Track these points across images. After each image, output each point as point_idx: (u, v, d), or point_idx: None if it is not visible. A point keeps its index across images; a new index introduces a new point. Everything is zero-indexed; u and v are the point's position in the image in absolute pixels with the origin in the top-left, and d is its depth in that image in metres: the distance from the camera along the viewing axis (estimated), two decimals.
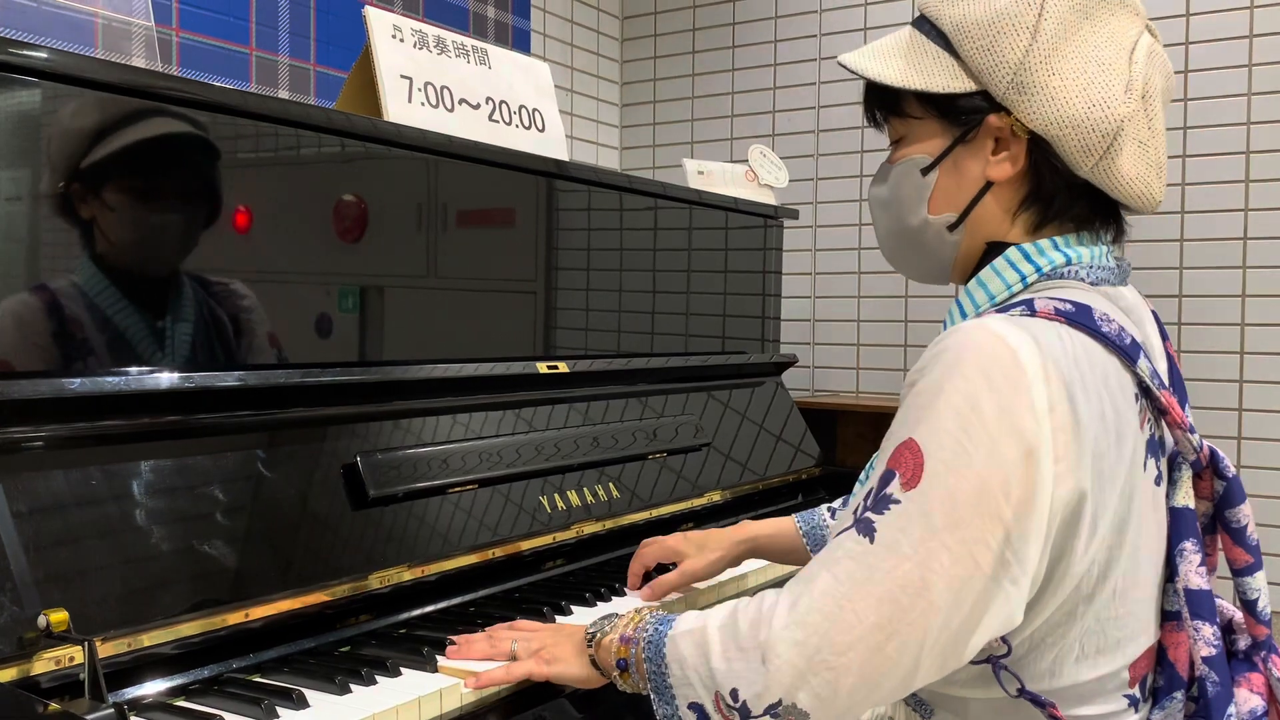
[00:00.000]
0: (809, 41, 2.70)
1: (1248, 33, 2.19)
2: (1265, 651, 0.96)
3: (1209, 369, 2.23)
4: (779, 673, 0.82)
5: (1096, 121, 0.88)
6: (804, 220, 2.62)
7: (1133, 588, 0.88)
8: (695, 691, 0.87)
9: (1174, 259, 2.26)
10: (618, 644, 0.95)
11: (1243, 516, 0.92)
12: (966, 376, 0.80)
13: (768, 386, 2.06)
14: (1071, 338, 0.84)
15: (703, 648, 0.87)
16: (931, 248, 0.98)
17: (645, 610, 0.98)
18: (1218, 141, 2.22)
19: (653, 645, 0.92)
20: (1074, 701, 0.88)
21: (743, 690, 0.84)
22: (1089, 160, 0.90)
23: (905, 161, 0.97)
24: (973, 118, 0.92)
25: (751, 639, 0.84)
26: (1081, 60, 0.89)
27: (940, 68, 0.93)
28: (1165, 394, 0.88)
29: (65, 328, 1.01)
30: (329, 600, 1.11)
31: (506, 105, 1.63)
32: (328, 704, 0.95)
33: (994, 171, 0.93)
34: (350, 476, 1.19)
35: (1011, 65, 0.89)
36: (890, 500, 0.81)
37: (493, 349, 1.49)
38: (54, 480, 0.96)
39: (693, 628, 0.90)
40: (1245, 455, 2.20)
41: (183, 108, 1.09)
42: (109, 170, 1.03)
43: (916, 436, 0.82)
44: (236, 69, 1.94)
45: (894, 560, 0.80)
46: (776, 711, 0.83)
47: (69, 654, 0.89)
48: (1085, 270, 0.92)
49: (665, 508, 1.62)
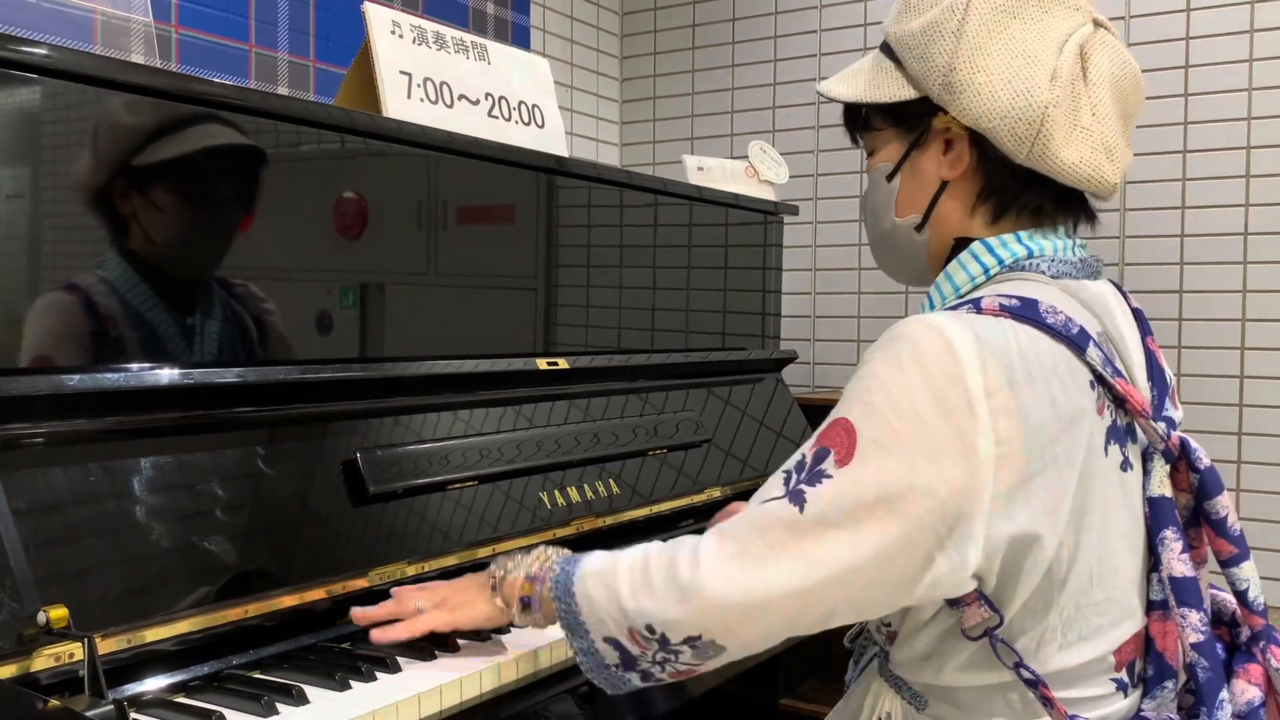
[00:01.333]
0: (809, 37, 2.70)
1: (1249, 27, 2.19)
2: (1264, 642, 0.96)
3: (1209, 365, 2.23)
4: (700, 613, 0.88)
5: (1021, 110, 0.94)
6: (804, 216, 2.61)
7: (1110, 574, 0.90)
8: (608, 628, 0.92)
9: (1174, 255, 2.26)
10: (523, 581, 1.01)
11: (1221, 508, 0.94)
12: (903, 366, 0.85)
13: (768, 382, 2.06)
14: (1016, 330, 0.87)
15: (612, 590, 0.92)
16: (904, 249, 1.04)
17: (551, 550, 1.03)
18: (1217, 137, 2.22)
19: (560, 584, 0.96)
20: (1061, 684, 0.90)
21: (657, 625, 0.89)
22: (1023, 148, 0.95)
23: (874, 171, 1.05)
24: (920, 122, 1.00)
25: (668, 580, 0.89)
26: (1008, 55, 0.95)
27: (890, 80, 1.01)
28: (1121, 382, 0.91)
29: (64, 325, 1.01)
30: (329, 596, 1.11)
31: (506, 101, 1.62)
32: (328, 700, 0.95)
33: (946, 171, 1.00)
34: (350, 473, 1.19)
35: (941, 68, 0.96)
36: (823, 475, 0.86)
37: (493, 345, 1.49)
38: (53, 477, 0.96)
39: (601, 569, 0.95)
40: (1247, 451, 2.20)
41: (183, 104, 1.09)
42: (107, 167, 1.03)
43: (850, 417, 0.87)
44: (236, 66, 1.93)
45: (823, 529, 0.85)
46: (696, 644, 0.89)
47: (69, 650, 0.89)
48: (1047, 263, 0.96)
49: (666, 504, 1.62)
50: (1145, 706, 0.93)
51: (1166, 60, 2.26)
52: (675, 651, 0.90)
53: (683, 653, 0.90)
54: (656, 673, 0.93)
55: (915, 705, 0.97)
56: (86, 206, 1.03)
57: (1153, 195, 2.27)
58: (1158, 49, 2.27)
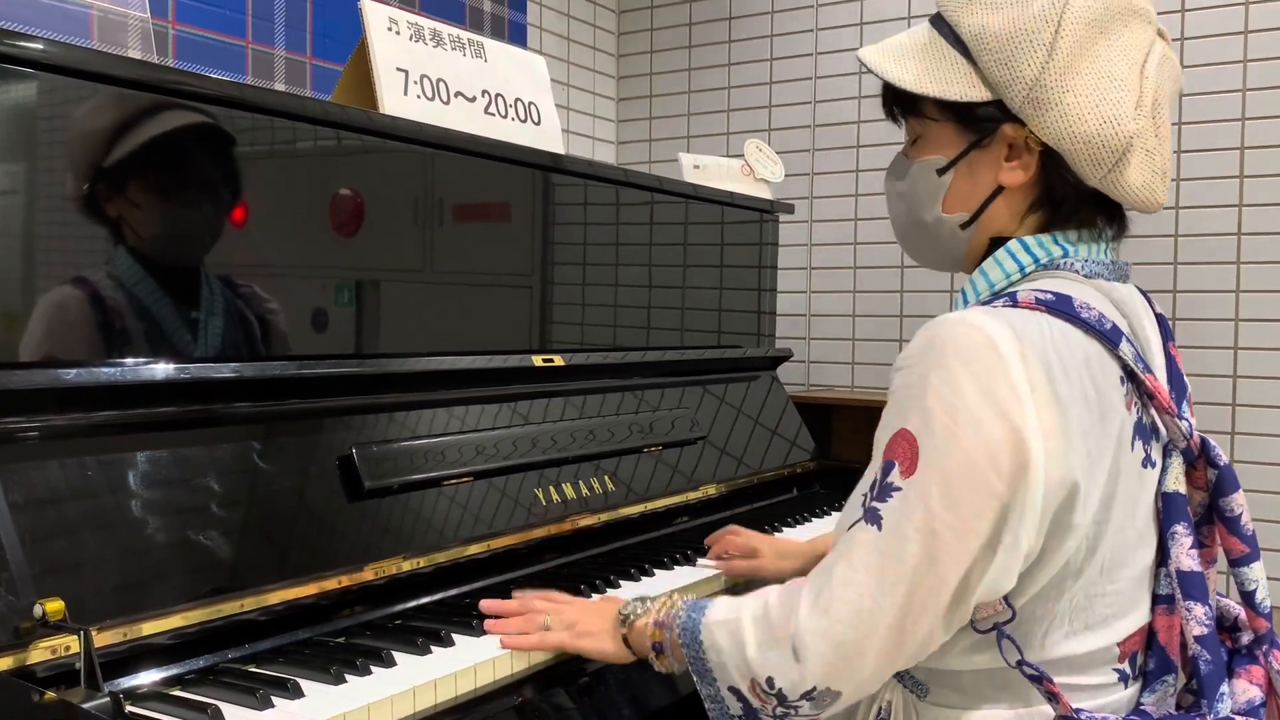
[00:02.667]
0: (805, 36, 2.70)
1: (1243, 29, 2.20)
2: (1266, 645, 0.97)
3: (1203, 365, 2.24)
4: (810, 664, 0.87)
5: (1108, 138, 0.92)
6: (799, 215, 2.62)
7: (1121, 566, 0.91)
8: (732, 677, 0.93)
9: (1168, 254, 2.27)
10: (652, 628, 1.01)
11: (1236, 505, 0.96)
12: (948, 366, 0.85)
13: (763, 381, 2.07)
14: (1051, 324, 0.88)
15: (737, 638, 0.92)
16: (945, 243, 1.03)
17: (676, 595, 1.03)
18: (1212, 138, 2.23)
19: (688, 632, 0.97)
20: (1064, 671, 0.91)
21: (778, 680, 0.89)
22: (1098, 172, 0.93)
23: (922, 161, 1.01)
24: (988, 126, 0.96)
25: (782, 630, 0.89)
26: (1095, 76, 0.92)
27: (958, 75, 0.95)
28: (1150, 378, 0.91)
29: (61, 319, 1.01)
30: (324, 591, 1.11)
31: (502, 99, 1.63)
32: (323, 694, 0.96)
33: (1006, 178, 0.96)
34: (346, 468, 1.19)
35: (1028, 81, 0.92)
36: (892, 489, 0.86)
37: (489, 342, 1.49)
38: (50, 471, 0.96)
39: (726, 618, 0.95)
40: (1239, 450, 2.21)
41: (177, 99, 1.09)
42: (102, 162, 1.03)
43: (909, 426, 0.86)
44: (232, 62, 1.93)
45: (903, 544, 0.85)
46: (812, 696, 0.89)
47: (65, 643, 0.89)
48: (1081, 263, 0.96)
49: (660, 500, 1.63)
50: (1145, 700, 0.94)
51: None
52: (794, 706, 0.90)
53: (801, 707, 0.90)
54: None
55: (917, 694, 0.97)
56: (82, 201, 1.03)
57: None
58: None
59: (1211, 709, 0.91)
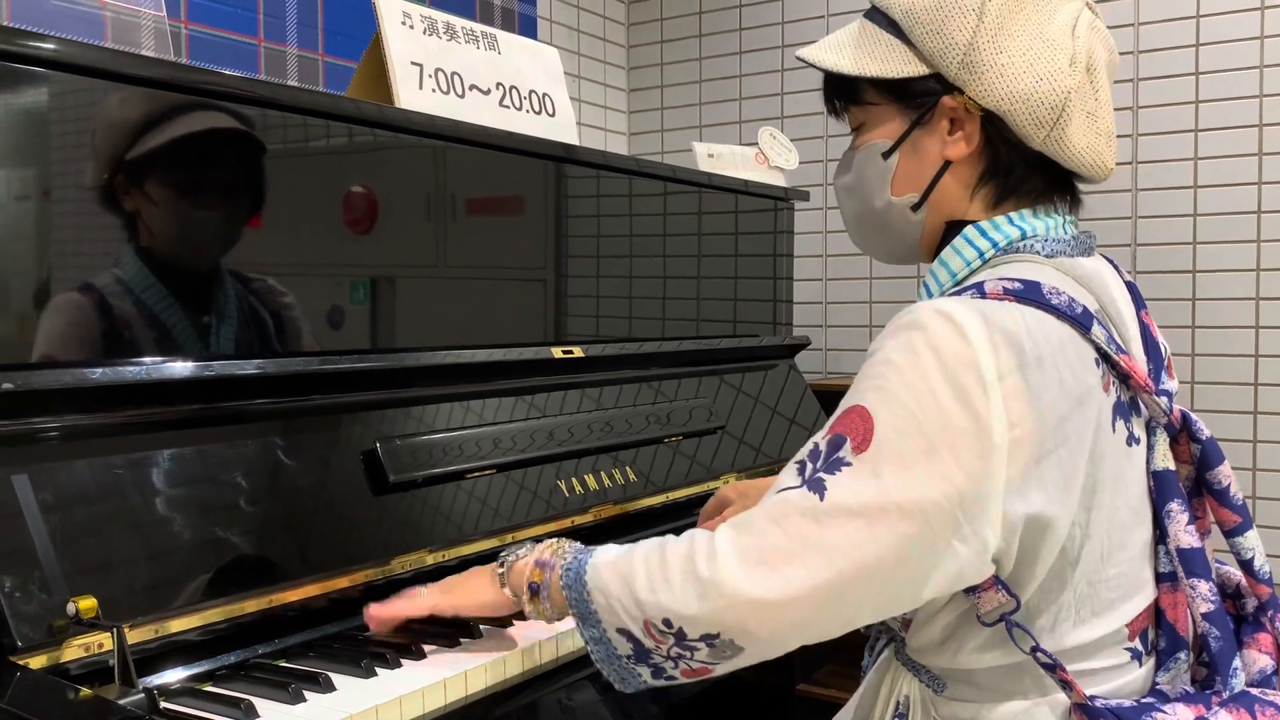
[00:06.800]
0: (817, 22, 2.69)
1: (1260, 4, 2.18)
2: (1272, 611, 0.97)
3: (1224, 344, 2.22)
4: (720, 611, 0.85)
5: (1044, 95, 0.93)
6: (815, 202, 2.61)
7: (1119, 549, 0.91)
8: (621, 619, 0.90)
9: (1187, 234, 2.25)
10: (533, 566, 0.99)
11: (1223, 477, 0.95)
12: (916, 351, 0.84)
13: (780, 369, 2.06)
14: (1022, 313, 0.87)
15: (627, 580, 0.90)
16: (897, 229, 1.02)
17: (565, 540, 1.02)
18: (1229, 115, 2.21)
19: (572, 572, 0.94)
20: (1077, 658, 0.90)
21: (675, 619, 0.87)
22: (1040, 132, 0.94)
23: (867, 147, 1.02)
24: (927, 100, 0.97)
25: (687, 574, 0.87)
26: (1027, 37, 0.94)
27: (893, 54, 0.97)
28: (1125, 359, 0.91)
29: (85, 319, 1.01)
30: (352, 585, 1.12)
31: (517, 91, 1.62)
32: (353, 687, 0.96)
33: (951, 150, 0.97)
34: (370, 463, 1.20)
35: (961, 46, 0.94)
36: (842, 463, 0.85)
37: (506, 335, 1.49)
38: (78, 470, 0.96)
39: (615, 559, 0.93)
40: (1262, 429, 2.19)
41: (192, 96, 1.10)
42: (116, 161, 1.04)
43: (866, 404, 0.85)
44: (245, 61, 1.94)
45: (843, 518, 0.83)
46: (713, 643, 0.87)
47: (98, 640, 0.90)
48: (1040, 243, 0.95)
49: (680, 491, 1.63)
50: (1160, 679, 0.94)
51: (1177, 38, 2.25)
52: (691, 648, 0.88)
53: (699, 650, 0.88)
54: (669, 669, 0.91)
55: (934, 688, 0.97)
56: (100, 201, 1.03)
57: (1164, 175, 2.26)
58: (1168, 27, 2.26)
59: (1226, 685, 0.91)
